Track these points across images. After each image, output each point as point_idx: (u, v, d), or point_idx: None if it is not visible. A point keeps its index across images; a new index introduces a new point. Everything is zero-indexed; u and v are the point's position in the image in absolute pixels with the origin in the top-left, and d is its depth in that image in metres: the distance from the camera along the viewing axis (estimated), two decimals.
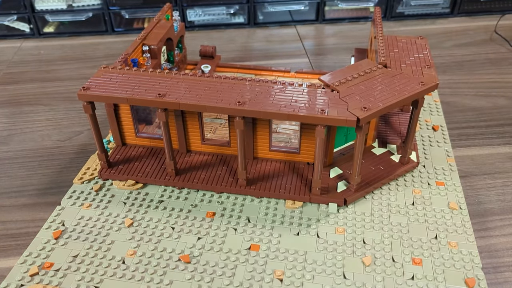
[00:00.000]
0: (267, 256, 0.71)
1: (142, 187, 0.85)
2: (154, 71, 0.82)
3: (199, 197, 0.82)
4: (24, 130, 1.04)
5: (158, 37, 1.00)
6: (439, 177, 0.85)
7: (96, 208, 0.80)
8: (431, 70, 0.82)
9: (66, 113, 1.10)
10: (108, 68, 0.83)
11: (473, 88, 1.16)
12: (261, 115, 0.72)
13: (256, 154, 0.87)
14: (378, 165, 0.85)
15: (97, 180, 0.86)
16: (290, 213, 0.79)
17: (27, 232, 0.78)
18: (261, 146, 0.86)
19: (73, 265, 0.70)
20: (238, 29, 1.55)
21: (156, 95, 0.75)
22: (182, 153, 0.89)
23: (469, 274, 0.68)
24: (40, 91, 1.20)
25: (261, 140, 0.85)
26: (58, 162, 0.94)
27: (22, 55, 1.40)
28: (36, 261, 0.71)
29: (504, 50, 1.34)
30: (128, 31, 1.53)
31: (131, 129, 0.89)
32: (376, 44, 0.91)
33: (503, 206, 0.82)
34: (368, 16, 1.58)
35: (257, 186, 0.82)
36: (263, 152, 0.87)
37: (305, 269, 0.69)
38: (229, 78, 0.80)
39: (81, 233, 0.76)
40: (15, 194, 0.86)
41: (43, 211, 0.82)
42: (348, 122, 0.70)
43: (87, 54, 1.40)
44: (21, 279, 0.68)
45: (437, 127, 0.99)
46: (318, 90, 0.77)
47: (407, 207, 0.79)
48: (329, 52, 1.39)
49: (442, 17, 1.58)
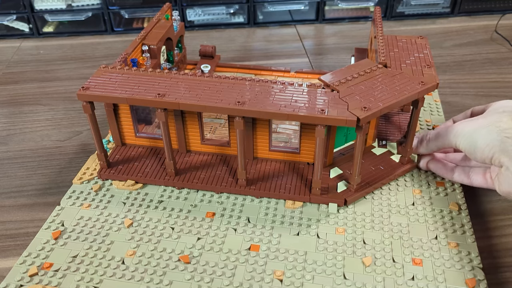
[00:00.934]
0: (267, 257, 0.71)
1: (141, 187, 0.84)
2: (153, 71, 0.82)
3: (199, 197, 0.82)
4: (23, 130, 1.04)
5: (157, 36, 1.00)
6: (439, 177, 0.85)
7: (95, 208, 0.80)
8: (431, 69, 0.81)
9: (65, 113, 1.10)
10: (107, 68, 0.83)
11: (474, 88, 1.16)
12: (261, 115, 0.72)
13: (256, 154, 0.87)
14: (378, 165, 0.85)
15: (97, 180, 0.86)
16: (290, 213, 0.78)
17: (26, 232, 0.78)
18: (261, 146, 0.85)
19: (73, 265, 0.70)
20: (238, 28, 1.55)
21: (156, 95, 0.75)
22: (182, 153, 0.89)
23: (469, 275, 0.67)
24: (40, 91, 1.19)
25: (261, 140, 0.85)
26: (57, 162, 0.94)
27: (21, 55, 1.40)
28: (35, 261, 0.71)
29: (505, 50, 1.34)
30: (128, 31, 1.53)
31: (130, 129, 0.89)
32: (376, 44, 0.91)
33: (504, 206, 0.81)
34: (368, 16, 1.58)
35: (257, 186, 0.82)
36: (263, 152, 0.86)
37: (305, 269, 0.69)
38: (229, 78, 0.80)
39: (81, 233, 0.75)
40: (14, 194, 0.86)
41: (43, 211, 0.82)
42: (348, 122, 0.69)
43: (86, 54, 1.40)
44: (20, 280, 0.68)
45: (438, 127, 0.99)
46: (318, 90, 0.76)
47: (408, 207, 0.79)
48: (329, 52, 1.38)
49: (442, 16, 1.58)
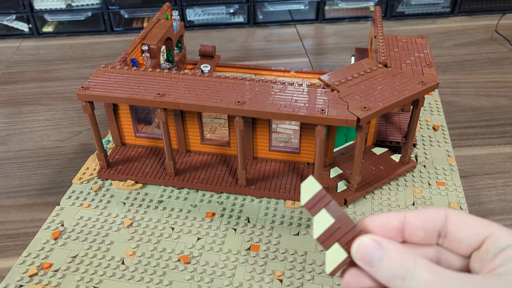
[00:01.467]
0: (267, 257, 0.71)
1: (141, 187, 0.84)
2: (153, 71, 0.82)
3: (199, 197, 0.82)
4: (23, 130, 1.04)
5: (157, 36, 1.00)
6: (439, 177, 0.85)
7: (95, 208, 0.80)
8: (432, 69, 0.81)
9: (65, 113, 1.10)
10: (107, 67, 0.83)
11: (474, 88, 1.16)
12: (261, 115, 0.72)
13: (256, 154, 0.87)
14: (378, 165, 0.85)
15: (97, 180, 0.86)
16: (290, 213, 0.78)
17: (26, 233, 0.78)
18: (261, 146, 0.85)
19: (72, 266, 0.70)
20: (237, 28, 1.55)
21: (156, 95, 0.75)
22: (182, 153, 0.89)
23: None
24: (39, 91, 1.19)
25: (261, 140, 0.84)
26: (57, 162, 0.94)
27: (21, 54, 1.39)
28: (35, 261, 0.71)
29: (505, 50, 1.34)
30: (128, 30, 1.52)
31: (130, 129, 0.89)
32: (376, 44, 0.91)
33: (504, 206, 0.81)
34: (368, 16, 1.58)
35: (256, 186, 0.81)
36: (263, 152, 0.86)
37: (305, 269, 0.69)
38: (229, 78, 0.80)
39: (80, 233, 0.75)
40: (14, 194, 0.86)
41: (42, 211, 0.82)
42: (348, 122, 0.69)
43: (86, 53, 1.40)
44: (20, 280, 0.68)
45: (438, 127, 0.99)
46: (318, 90, 0.76)
47: (408, 207, 0.79)
48: (329, 52, 1.38)
49: (443, 16, 1.58)
